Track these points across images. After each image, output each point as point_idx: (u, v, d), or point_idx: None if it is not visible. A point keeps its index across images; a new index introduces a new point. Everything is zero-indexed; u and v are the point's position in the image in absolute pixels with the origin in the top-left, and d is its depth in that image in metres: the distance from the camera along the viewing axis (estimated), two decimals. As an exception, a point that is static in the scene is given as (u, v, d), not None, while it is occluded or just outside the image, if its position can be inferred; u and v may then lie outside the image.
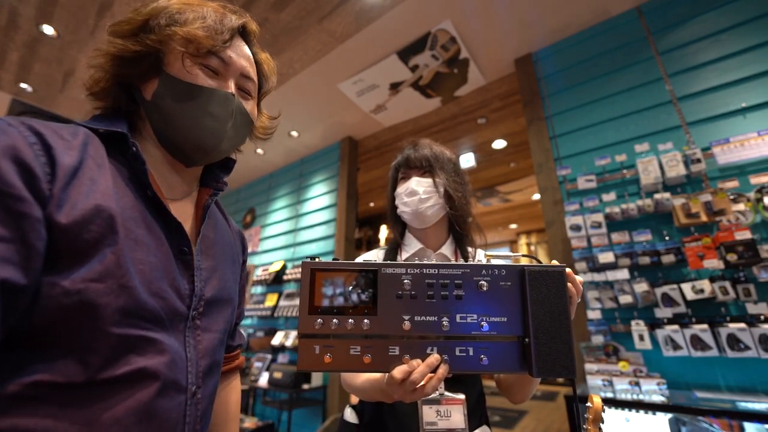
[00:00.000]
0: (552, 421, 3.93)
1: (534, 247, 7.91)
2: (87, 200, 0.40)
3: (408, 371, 0.48)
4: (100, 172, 0.44)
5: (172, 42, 0.50)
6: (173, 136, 0.52)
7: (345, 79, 2.84)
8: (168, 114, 0.51)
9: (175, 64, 0.51)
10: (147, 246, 0.45)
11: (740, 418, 1.27)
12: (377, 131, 3.62)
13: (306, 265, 0.50)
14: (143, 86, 0.52)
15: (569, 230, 1.99)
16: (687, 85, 1.89)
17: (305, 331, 0.49)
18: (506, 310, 0.51)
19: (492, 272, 0.52)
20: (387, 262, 0.52)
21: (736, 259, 1.50)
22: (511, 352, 0.50)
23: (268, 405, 3.05)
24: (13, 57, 2.66)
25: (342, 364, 0.49)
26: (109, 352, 0.39)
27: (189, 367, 0.47)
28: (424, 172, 0.88)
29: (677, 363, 1.63)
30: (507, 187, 5.49)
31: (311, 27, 2.35)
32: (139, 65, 0.51)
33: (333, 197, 3.58)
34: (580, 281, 0.55)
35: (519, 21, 2.32)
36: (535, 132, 2.37)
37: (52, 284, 0.37)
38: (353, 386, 0.75)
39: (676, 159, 1.76)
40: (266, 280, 3.64)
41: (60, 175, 0.39)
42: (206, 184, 0.61)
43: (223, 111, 0.53)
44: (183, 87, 0.51)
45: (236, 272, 0.64)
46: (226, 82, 0.55)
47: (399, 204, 0.89)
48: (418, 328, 0.50)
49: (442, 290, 0.51)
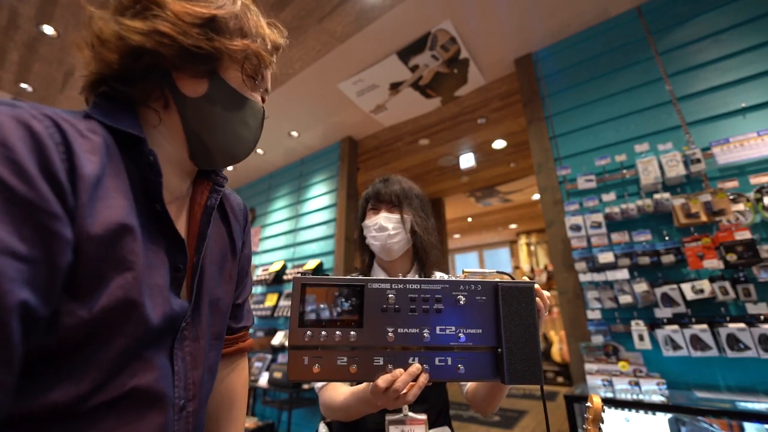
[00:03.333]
0: (552, 421, 3.93)
1: (534, 247, 7.90)
2: (112, 216, 0.37)
3: (391, 380, 0.51)
4: (119, 183, 0.40)
5: (237, 51, 0.49)
6: (209, 141, 0.51)
7: (345, 79, 2.84)
8: (212, 118, 0.50)
9: (231, 72, 0.50)
10: (152, 268, 0.43)
11: (740, 418, 1.27)
12: (377, 131, 3.62)
13: (297, 281, 0.52)
14: (182, 79, 0.48)
15: (569, 230, 1.99)
16: (687, 85, 1.89)
17: (295, 342, 0.51)
18: (481, 323, 0.54)
19: (469, 287, 0.55)
20: (373, 278, 0.55)
21: (735, 259, 1.50)
22: (486, 362, 0.54)
23: (268, 405, 3.05)
24: (13, 57, 2.65)
25: (330, 374, 0.51)
26: (103, 377, 0.37)
27: (176, 381, 0.45)
28: (393, 207, 0.94)
29: (677, 363, 1.63)
30: (507, 187, 5.49)
31: (311, 27, 2.35)
32: (198, 62, 0.47)
33: (333, 197, 3.58)
34: (548, 296, 0.60)
35: (519, 21, 2.32)
36: (535, 132, 2.37)
37: (70, 312, 0.34)
38: (333, 406, 0.77)
39: (676, 159, 1.76)
40: (266, 280, 3.64)
41: (83, 188, 0.35)
42: (203, 175, 0.57)
43: (256, 122, 0.55)
44: (234, 96, 0.51)
45: (228, 266, 0.60)
46: (258, 95, 0.56)
47: (368, 236, 0.94)
48: (401, 340, 0.53)
49: (423, 304, 0.54)
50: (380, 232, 0.91)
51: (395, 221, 0.91)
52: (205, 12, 0.46)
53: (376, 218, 0.93)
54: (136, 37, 0.43)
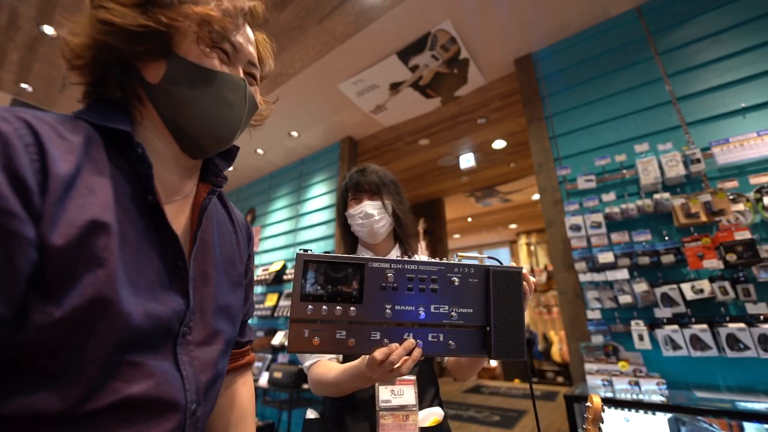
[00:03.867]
0: (552, 421, 3.93)
1: (534, 247, 7.90)
2: (83, 214, 0.36)
3: (387, 353, 0.55)
4: (100, 180, 0.39)
5: (186, 21, 0.44)
6: (187, 126, 0.48)
7: (345, 79, 2.84)
8: (181, 101, 0.46)
9: (187, 45, 0.46)
10: (138, 265, 0.41)
11: (740, 418, 1.27)
12: (377, 131, 3.62)
13: (300, 257, 0.54)
14: (145, 67, 0.46)
15: (569, 230, 1.99)
16: (687, 85, 1.89)
17: (296, 316, 0.53)
18: (472, 303, 0.58)
19: (463, 270, 0.59)
20: (374, 257, 0.57)
21: (735, 259, 1.50)
22: (475, 339, 0.58)
23: (268, 405, 3.05)
24: (13, 57, 2.65)
25: (329, 347, 0.53)
26: (93, 382, 0.36)
27: (186, 384, 0.44)
28: (373, 195, 1.00)
29: (677, 363, 1.63)
30: (507, 187, 5.49)
31: (311, 27, 2.35)
32: (143, 41, 0.44)
33: (333, 197, 3.58)
34: (533, 281, 0.65)
35: (519, 21, 2.32)
36: (535, 132, 2.37)
37: (42, 311, 0.33)
38: (324, 382, 0.82)
39: (676, 159, 1.77)
40: (266, 280, 3.64)
41: (54, 187, 0.34)
42: (205, 178, 0.57)
43: (237, 98, 0.50)
44: (197, 71, 0.46)
45: (237, 273, 0.59)
46: (236, 68, 0.51)
47: (352, 223, 1.01)
48: (397, 316, 0.56)
49: (420, 284, 0.57)
50: (366, 219, 0.97)
51: (378, 207, 0.98)
52: None
53: (360, 207, 0.99)
54: (82, 36, 0.44)
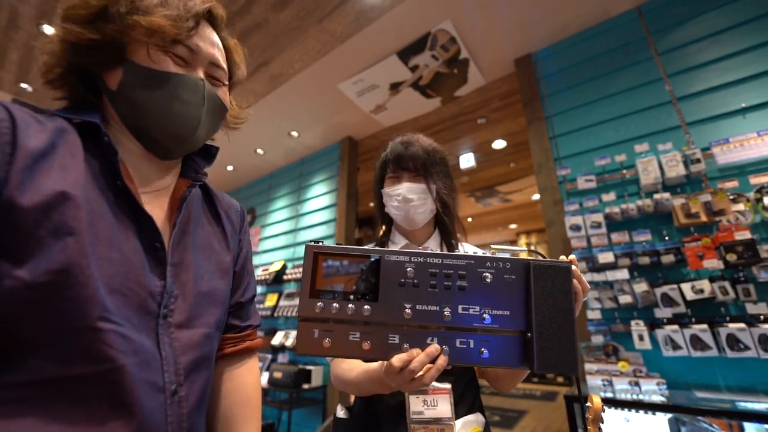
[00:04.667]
0: (552, 421, 3.93)
1: (534, 247, 7.91)
2: (53, 185, 0.39)
3: (407, 360, 0.48)
4: (73, 162, 0.43)
5: (134, 32, 0.47)
6: (146, 127, 0.50)
7: (345, 79, 2.84)
8: (137, 104, 0.49)
9: (139, 52, 0.49)
10: (111, 241, 0.43)
11: (740, 418, 1.27)
12: (377, 131, 3.63)
13: (309, 249, 0.50)
14: (105, 75, 0.50)
15: (569, 230, 1.99)
16: (687, 85, 1.89)
17: (305, 314, 0.49)
18: (509, 304, 0.50)
19: (497, 265, 0.51)
20: (390, 249, 0.51)
21: (735, 259, 1.50)
22: (512, 347, 0.49)
23: (268, 405, 3.04)
24: (13, 57, 2.65)
25: (341, 350, 0.48)
26: (81, 347, 0.38)
27: (165, 366, 0.45)
28: (416, 175, 0.85)
29: (677, 363, 1.63)
30: (507, 187, 5.49)
31: (311, 27, 2.35)
32: (98, 54, 0.48)
33: (333, 197, 3.58)
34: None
35: (519, 21, 2.32)
36: (535, 132, 2.37)
37: (10, 275, 0.35)
38: (346, 381, 0.74)
39: (676, 159, 1.76)
40: (266, 280, 3.64)
41: (20, 157, 0.38)
42: (185, 174, 0.59)
43: (194, 96, 0.52)
44: (150, 74, 0.49)
45: (223, 261, 0.61)
46: (194, 70, 0.53)
47: (388, 203, 0.87)
48: (418, 317, 0.49)
49: (445, 280, 0.50)
50: (404, 203, 0.83)
51: (420, 191, 0.83)
52: (93, 4, 0.48)
53: (398, 187, 0.84)
54: (50, 53, 0.49)
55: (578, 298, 0.53)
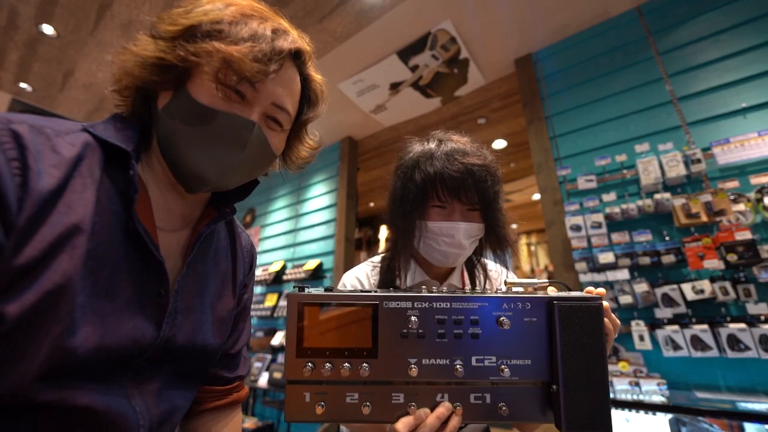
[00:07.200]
0: (552, 422, 3.93)
1: (534, 247, 7.90)
2: (54, 230, 0.36)
3: (414, 424, 0.42)
4: (83, 195, 0.39)
5: (208, 58, 0.43)
6: (175, 158, 0.47)
7: (345, 79, 2.84)
8: (173, 133, 0.45)
9: (200, 81, 0.44)
10: (115, 288, 0.40)
11: (740, 418, 1.26)
12: (377, 131, 3.62)
13: (293, 298, 0.43)
14: (160, 95, 0.47)
15: (569, 230, 1.99)
16: (687, 85, 1.89)
17: (293, 376, 0.42)
18: (531, 352, 0.44)
19: (515, 306, 0.44)
20: (389, 294, 0.44)
21: (736, 260, 1.50)
22: (535, 399, 0.43)
23: (268, 405, 3.04)
24: (13, 57, 2.65)
25: (337, 415, 0.42)
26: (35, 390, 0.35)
27: (141, 420, 0.43)
28: (472, 209, 0.67)
29: (677, 363, 1.63)
30: (507, 187, 5.49)
31: (311, 27, 2.35)
32: (162, 73, 0.44)
33: (333, 197, 3.58)
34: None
35: (519, 21, 2.31)
36: (535, 132, 2.36)
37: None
38: (348, 427, 0.68)
39: (676, 159, 1.76)
40: (266, 280, 3.64)
41: (29, 204, 0.35)
42: (214, 203, 0.56)
43: (235, 141, 0.46)
44: (196, 108, 0.44)
45: (226, 308, 0.57)
46: (251, 108, 0.46)
47: (427, 239, 0.68)
48: (426, 374, 0.43)
49: (455, 328, 0.44)
50: (453, 248, 0.66)
51: (476, 232, 0.67)
52: (181, 22, 0.45)
53: (450, 226, 0.65)
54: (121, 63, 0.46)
55: (609, 338, 0.46)
